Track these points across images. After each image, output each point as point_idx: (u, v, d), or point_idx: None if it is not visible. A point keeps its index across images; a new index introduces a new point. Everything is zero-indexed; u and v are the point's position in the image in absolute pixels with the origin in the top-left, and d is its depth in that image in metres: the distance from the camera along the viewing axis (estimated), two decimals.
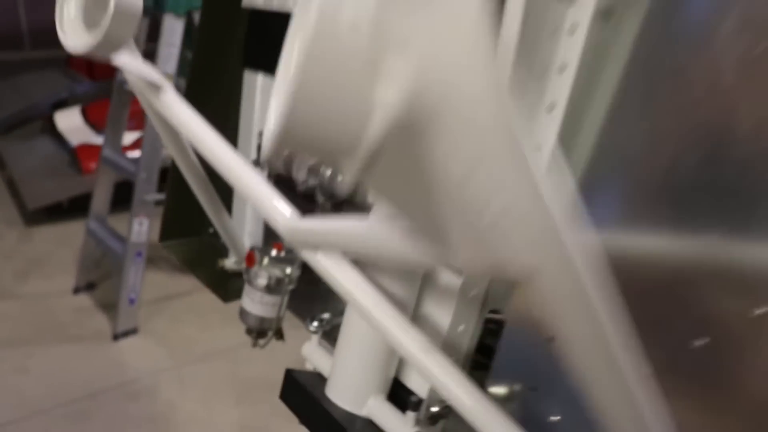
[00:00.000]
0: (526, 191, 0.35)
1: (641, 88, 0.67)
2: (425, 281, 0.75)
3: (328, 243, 0.62)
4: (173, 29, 2.86)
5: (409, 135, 0.30)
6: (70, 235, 4.20)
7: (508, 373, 0.75)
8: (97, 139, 4.68)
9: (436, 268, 0.71)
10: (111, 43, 0.66)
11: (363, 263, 0.67)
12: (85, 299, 3.49)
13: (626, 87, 0.68)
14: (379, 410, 0.76)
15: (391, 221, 0.45)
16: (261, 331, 1.02)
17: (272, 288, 0.97)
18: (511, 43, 0.65)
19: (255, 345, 1.06)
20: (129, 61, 0.70)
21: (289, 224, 0.65)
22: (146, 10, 2.81)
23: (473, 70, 0.30)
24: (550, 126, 0.70)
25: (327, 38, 0.27)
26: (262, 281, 0.95)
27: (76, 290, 3.52)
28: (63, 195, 4.27)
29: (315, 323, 0.92)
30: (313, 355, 0.92)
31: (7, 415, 2.61)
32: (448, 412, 0.75)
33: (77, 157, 4.49)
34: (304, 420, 0.87)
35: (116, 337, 3.13)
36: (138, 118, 3.46)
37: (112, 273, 3.38)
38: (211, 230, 1.33)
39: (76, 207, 4.31)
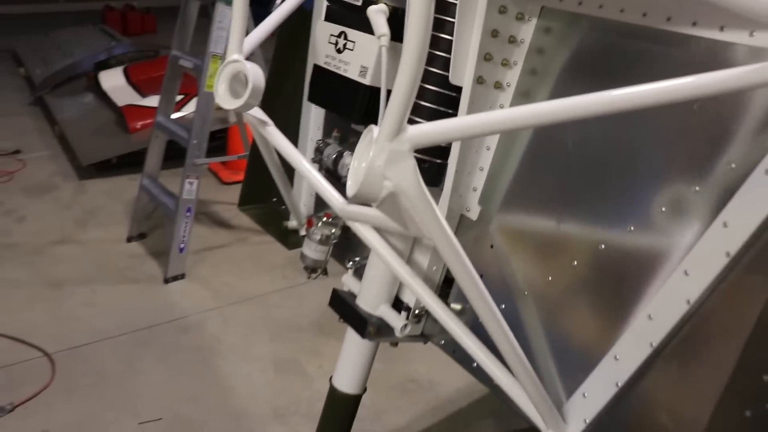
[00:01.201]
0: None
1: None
2: (415, 241, 1.37)
3: (363, 219, 1.24)
4: (224, 15, 3.47)
5: (392, 199, 0.91)
6: (120, 188, 4.91)
7: (461, 297, 1.38)
8: (141, 101, 5.35)
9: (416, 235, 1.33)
10: (249, 105, 1.28)
11: (380, 229, 1.30)
12: (137, 247, 4.19)
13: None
14: (386, 311, 1.39)
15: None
16: (314, 269, 1.65)
17: (323, 241, 1.59)
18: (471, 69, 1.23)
19: (309, 278, 1.69)
20: (256, 111, 1.33)
21: (341, 206, 1.28)
22: None
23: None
24: (491, 140, 1.32)
25: (371, 175, 0.87)
26: (317, 236, 1.58)
27: (129, 239, 4.21)
28: (112, 153, 4.96)
29: (350, 263, 1.55)
30: (348, 281, 1.55)
31: (80, 339, 3.32)
32: (425, 315, 1.38)
33: (124, 117, 5.15)
34: (342, 316, 1.51)
35: (167, 280, 3.82)
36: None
37: (164, 224, 4.05)
38: (274, 200, 1.98)
39: (123, 163, 5.01)
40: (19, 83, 7.15)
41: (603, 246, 1.13)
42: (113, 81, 5.69)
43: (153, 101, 5.17)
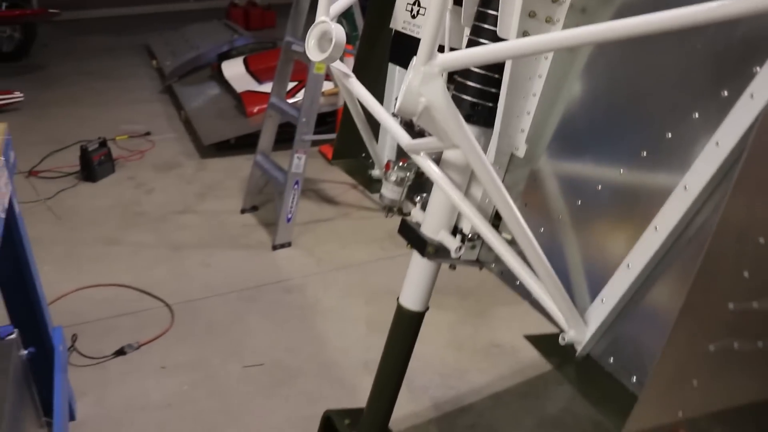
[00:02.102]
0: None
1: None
2: (472, 176, 1.61)
3: (423, 148, 1.50)
4: None
5: (428, 113, 1.16)
6: (236, 167, 5.40)
7: None
8: (258, 87, 5.84)
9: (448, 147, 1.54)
10: (332, 58, 1.57)
11: (439, 162, 1.56)
12: (249, 218, 4.64)
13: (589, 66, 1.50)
14: (444, 236, 1.64)
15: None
16: (391, 207, 1.93)
17: (398, 182, 1.87)
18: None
19: (387, 216, 1.97)
20: (339, 65, 1.62)
21: (407, 142, 1.54)
22: None
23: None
24: (537, 88, 1.54)
25: (409, 92, 1.12)
26: (393, 178, 1.85)
27: (243, 211, 4.67)
28: (231, 134, 5.46)
29: (418, 197, 1.81)
30: (415, 213, 1.81)
31: (196, 294, 3.76)
32: (479, 241, 1.62)
33: (242, 102, 5.66)
34: (408, 240, 1.77)
35: (275, 247, 4.22)
36: (293, 72, 4.49)
37: (274, 197, 4.47)
38: (363, 155, 2.27)
39: (240, 144, 5.51)
40: (151, 74, 7.93)
41: (622, 170, 1.33)
42: (234, 70, 6.23)
43: (269, 87, 5.64)
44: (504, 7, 1.43)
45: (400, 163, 1.89)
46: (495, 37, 1.49)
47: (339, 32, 1.53)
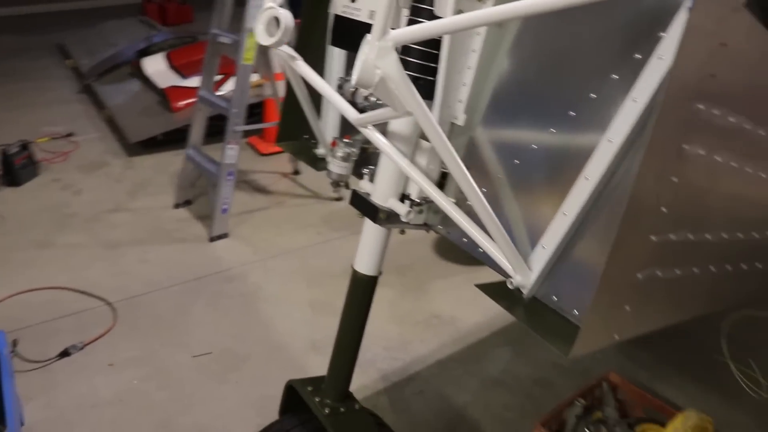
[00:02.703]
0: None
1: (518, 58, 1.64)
2: (416, 145, 1.75)
3: (372, 120, 1.62)
4: None
5: (383, 84, 1.28)
6: (165, 162, 5.38)
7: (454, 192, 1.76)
8: (183, 82, 5.81)
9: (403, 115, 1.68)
10: (281, 42, 1.67)
11: (385, 132, 1.68)
12: (183, 212, 4.65)
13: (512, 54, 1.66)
14: (394, 203, 1.77)
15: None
16: (338, 182, 2.04)
17: (345, 158, 1.98)
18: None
19: (335, 191, 2.08)
20: (286, 48, 1.72)
21: (355, 116, 1.66)
22: None
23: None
24: (472, 61, 1.68)
25: (366, 65, 1.24)
26: (339, 154, 1.97)
27: (176, 205, 4.67)
28: (158, 130, 5.43)
29: (366, 170, 1.93)
30: (364, 185, 1.93)
31: (138, 290, 3.77)
32: (426, 205, 1.76)
33: (167, 97, 5.62)
34: (360, 209, 1.88)
35: (212, 239, 4.26)
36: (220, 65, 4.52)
37: (207, 190, 4.49)
38: (305, 136, 2.37)
39: (168, 140, 5.48)
40: (67, 73, 7.72)
41: (553, 130, 1.49)
42: (155, 66, 6.18)
43: (193, 82, 5.66)
44: None
45: (345, 140, 2.01)
46: (432, 16, 1.63)
47: (287, 17, 1.64)
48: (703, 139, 1.35)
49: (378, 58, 1.23)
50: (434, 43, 1.66)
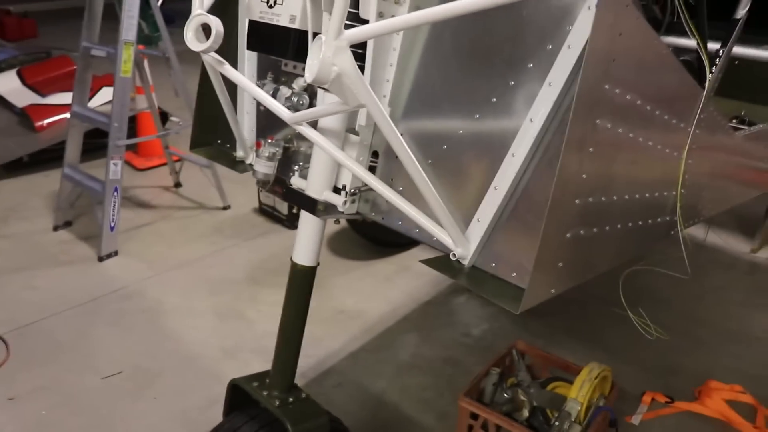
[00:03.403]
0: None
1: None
2: (345, 138, 1.88)
3: (307, 118, 1.74)
4: (132, 4, 3.83)
5: (338, 80, 1.41)
6: (35, 185, 5.14)
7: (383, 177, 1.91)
8: (42, 100, 5.56)
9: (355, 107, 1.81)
10: (213, 47, 1.75)
11: (317, 128, 1.81)
12: (65, 234, 4.48)
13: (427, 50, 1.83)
14: (329, 195, 1.91)
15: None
16: (265, 182, 2.13)
17: (270, 158, 2.08)
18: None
19: (261, 190, 2.17)
20: (214, 55, 1.80)
21: (289, 115, 1.77)
22: None
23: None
24: (393, 59, 1.84)
25: (324, 63, 1.37)
26: (265, 154, 2.06)
27: (56, 228, 4.49)
28: (23, 152, 5.17)
29: (296, 167, 2.04)
30: (296, 181, 2.04)
31: (28, 318, 3.60)
32: (358, 195, 1.90)
33: (29, 116, 5.36)
34: (297, 204, 1.99)
35: (101, 258, 4.14)
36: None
37: (92, 209, 4.34)
38: (218, 141, 2.44)
39: (34, 161, 5.23)
40: None
41: (477, 115, 1.69)
42: (8, 85, 5.84)
43: (55, 99, 5.46)
44: None
45: (269, 140, 2.11)
46: (357, 18, 1.77)
47: (218, 23, 1.72)
48: (609, 114, 1.59)
49: (334, 56, 1.36)
50: (361, 44, 1.81)
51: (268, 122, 2.25)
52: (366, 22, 1.79)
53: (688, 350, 3.56)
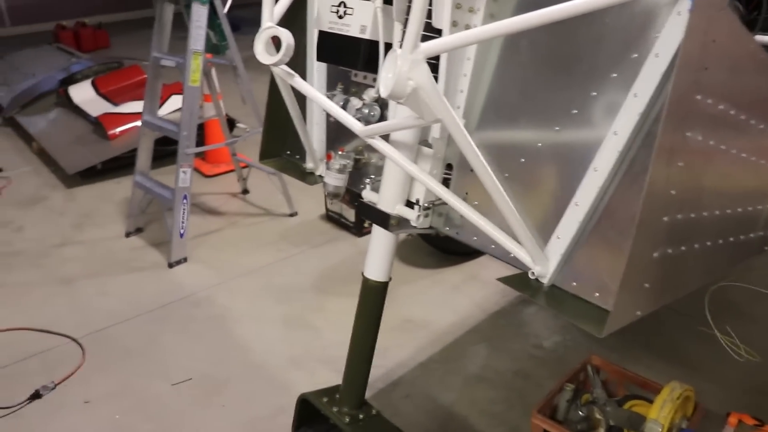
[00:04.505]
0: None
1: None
2: (418, 151, 1.84)
3: (379, 132, 1.71)
4: (200, 14, 3.89)
5: (414, 94, 1.37)
6: (108, 192, 5.29)
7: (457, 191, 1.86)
8: (115, 109, 5.73)
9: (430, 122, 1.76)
10: (283, 60, 1.73)
11: (389, 140, 1.77)
12: (136, 240, 4.59)
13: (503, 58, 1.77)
14: (402, 209, 1.87)
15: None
16: (336, 194, 2.11)
17: (341, 170, 2.06)
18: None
19: (332, 202, 2.15)
20: (284, 67, 1.78)
21: (362, 128, 1.74)
22: (176, 0, 3.86)
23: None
24: (467, 69, 1.79)
25: (400, 78, 1.33)
26: (336, 166, 2.04)
27: (128, 234, 4.61)
28: (96, 159, 5.33)
29: (368, 180, 2.02)
30: (368, 195, 2.02)
31: (102, 323, 3.70)
32: (432, 210, 1.86)
33: (103, 125, 5.52)
34: (369, 218, 1.96)
35: (171, 265, 4.22)
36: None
37: (162, 215, 4.43)
38: (288, 152, 2.44)
39: (107, 168, 5.39)
40: None
41: (557, 128, 1.62)
42: (84, 94, 6.05)
43: (126, 108, 5.61)
44: (436, 1, 1.67)
45: (340, 152, 2.09)
46: (429, 28, 1.73)
47: (288, 36, 1.71)
48: (700, 126, 1.50)
49: (410, 70, 1.32)
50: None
51: (338, 134, 2.24)
52: (439, 31, 1.74)
53: None
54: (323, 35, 2.02)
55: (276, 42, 1.75)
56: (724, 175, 1.73)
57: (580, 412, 2.60)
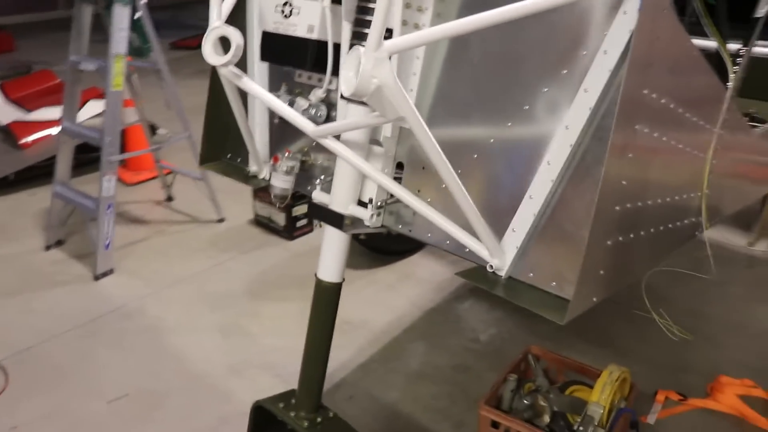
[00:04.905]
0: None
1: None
2: (369, 150, 1.85)
3: (332, 132, 1.70)
4: (122, 16, 3.76)
5: (378, 92, 1.38)
6: (21, 204, 5.03)
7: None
8: (27, 116, 5.45)
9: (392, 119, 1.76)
10: (233, 61, 1.70)
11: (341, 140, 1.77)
12: (58, 253, 4.38)
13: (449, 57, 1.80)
14: (355, 209, 1.87)
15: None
16: (283, 197, 2.09)
17: (288, 172, 2.04)
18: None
19: (278, 207, 2.13)
20: (233, 67, 1.75)
21: (314, 129, 1.73)
22: (95, 1, 3.73)
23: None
24: (417, 68, 1.81)
25: (364, 76, 1.33)
26: (283, 168, 2.02)
27: (47, 247, 4.39)
28: (9, 170, 5.06)
29: (318, 181, 2.01)
30: (318, 195, 2.00)
31: (26, 343, 3.51)
32: (383, 210, 1.86)
33: (13, 134, 5.25)
34: (322, 219, 1.94)
35: (97, 277, 4.06)
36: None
37: (84, 226, 4.26)
38: (228, 156, 2.39)
39: (19, 179, 5.13)
40: None
41: (509, 123, 1.66)
42: None
43: (39, 115, 5.35)
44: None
45: (287, 154, 2.07)
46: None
47: (237, 35, 1.68)
48: (647, 119, 1.58)
49: (374, 68, 1.32)
50: None
51: (281, 135, 2.21)
52: (389, 30, 1.75)
53: (695, 346, 3.56)
54: (268, 35, 2.00)
55: (224, 42, 1.72)
56: (665, 166, 1.82)
57: (525, 401, 2.66)
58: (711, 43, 2.23)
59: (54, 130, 5.15)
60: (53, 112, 5.29)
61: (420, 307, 3.92)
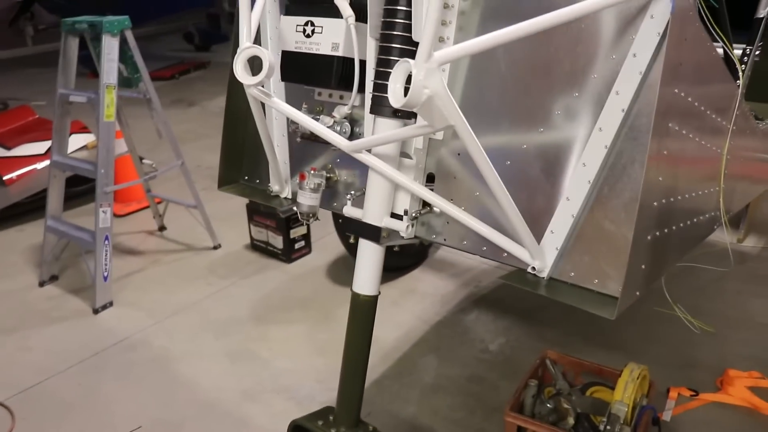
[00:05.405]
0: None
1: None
2: (400, 163, 1.89)
3: (367, 146, 1.74)
4: (112, 47, 3.77)
5: (428, 102, 1.42)
6: (10, 241, 4.96)
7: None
8: (7, 153, 5.39)
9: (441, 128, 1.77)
10: (265, 81, 1.74)
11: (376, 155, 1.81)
12: (53, 289, 4.33)
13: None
14: (389, 221, 1.91)
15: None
16: (310, 214, 2.12)
17: (315, 189, 2.07)
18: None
19: (305, 223, 2.16)
20: (262, 89, 1.79)
21: (348, 144, 1.76)
22: (83, 33, 3.74)
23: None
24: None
25: (416, 86, 1.38)
26: (310, 185, 2.05)
27: (41, 283, 4.34)
28: None
29: (348, 195, 2.04)
30: (350, 211, 2.04)
31: (30, 381, 3.46)
32: (420, 215, 1.91)
33: None
34: (357, 234, 1.98)
35: (96, 311, 4.01)
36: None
37: (79, 260, 4.22)
38: (245, 178, 2.41)
39: (4, 217, 5.06)
40: None
41: (541, 129, 1.72)
42: None
43: (21, 151, 5.29)
44: (416, 15, 1.74)
45: (312, 171, 2.10)
46: (407, 42, 1.79)
47: (270, 55, 1.72)
48: (678, 117, 1.65)
49: (426, 79, 1.37)
50: None
51: (302, 154, 2.25)
52: (416, 45, 1.80)
53: (700, 342, 3.65)
54: (288, 55, 2.03)
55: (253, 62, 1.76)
56: (692, 162, 1.90)
57: (548, 405, 2.70)
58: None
59: (39, 165, 5.11)
60: (35, 148, 5.26)
61: (426, 321, 3.95)
